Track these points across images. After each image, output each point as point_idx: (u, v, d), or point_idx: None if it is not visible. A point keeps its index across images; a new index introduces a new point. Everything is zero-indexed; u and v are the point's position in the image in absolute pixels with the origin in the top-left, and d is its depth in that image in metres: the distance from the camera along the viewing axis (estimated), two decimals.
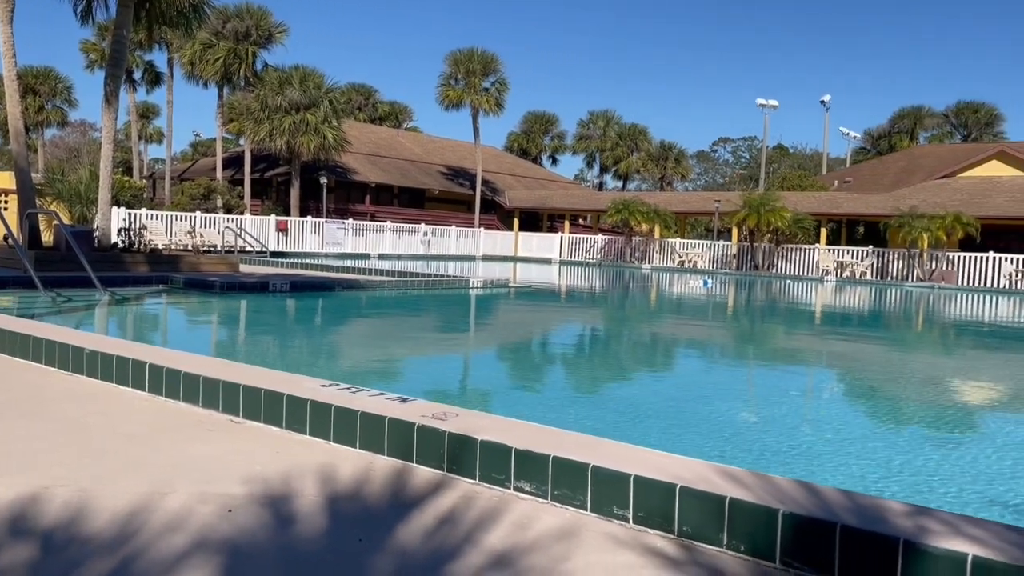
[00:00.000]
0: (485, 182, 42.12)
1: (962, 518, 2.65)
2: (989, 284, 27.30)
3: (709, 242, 34.84)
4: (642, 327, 13.60)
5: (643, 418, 5.71)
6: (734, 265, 32.75)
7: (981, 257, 27.83)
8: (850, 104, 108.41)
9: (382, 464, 3.44)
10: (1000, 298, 24.40)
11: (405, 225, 34.55)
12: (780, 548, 2.55)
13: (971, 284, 27.57)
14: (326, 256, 28.27)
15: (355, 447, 3.63)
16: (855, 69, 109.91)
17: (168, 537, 2.61)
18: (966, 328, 16.09)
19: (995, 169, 33.03)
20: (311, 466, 3.38)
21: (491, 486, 3.19)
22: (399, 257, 31.25)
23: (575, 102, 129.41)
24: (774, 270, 31.69)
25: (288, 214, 33.77)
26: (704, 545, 2.68)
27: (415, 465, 3.41)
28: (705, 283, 25.36)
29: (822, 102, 51.80)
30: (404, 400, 3.85)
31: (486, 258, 35.44)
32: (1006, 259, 27.44)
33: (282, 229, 29.74)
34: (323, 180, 33.93)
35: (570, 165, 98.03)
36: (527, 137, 59.78)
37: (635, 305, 18.16)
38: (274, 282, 13.75)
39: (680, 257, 33.93)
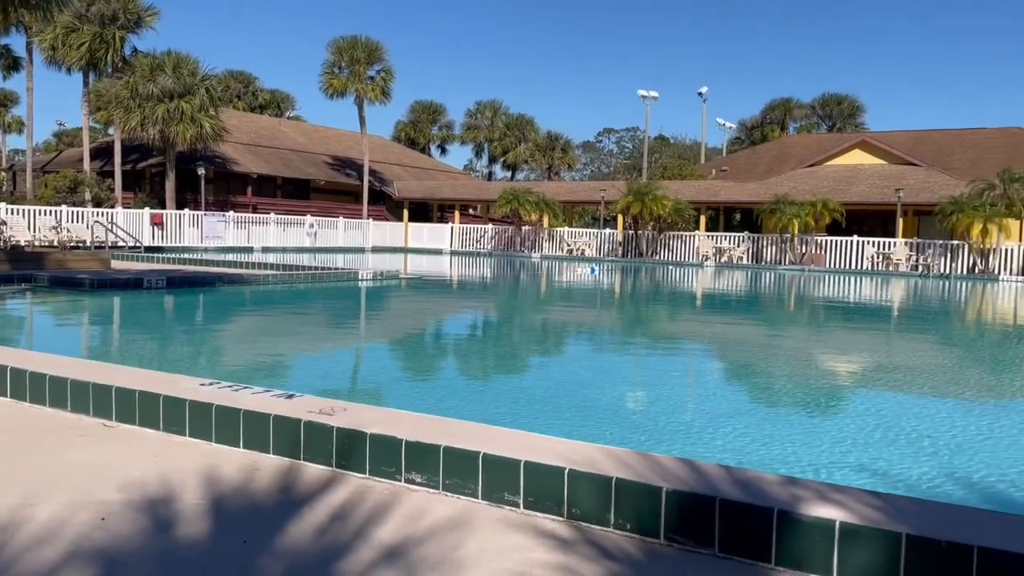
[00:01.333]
0: (373, 172, 41.50)
1: (831, 486, 2.82)
2: (854, 266, 29.11)
3: (596, 231, 35.59)
4: (532, 315, 13.77)
5: (534, 404, 5.79)
6: (620, 252, 33.59)
7: (846, 241, 29.63)
8: (726, 96, 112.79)
9: (269, 463, 3.35)
10: (864, 279, 26.07)
11: (290, 217, 33.63)
12: (665, 524, 2.64)
13: (838, 266, 29.32)
14: (206, 250, 27.19)
15: (239, 447, 3.51)
16: (730, 61, 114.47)
17: (38, 550, 2.45)
18: (834, 307, 17.11)
19: (858, 157, 35.17)
20: (192, 469, 3.25)
21: (382, 480, 3.15)
22: (284, 250, 30.40)
23: (463, 92, 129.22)
24: (657, 257, 32.71)
25: (164, 207, 32.23)
26: (593, 526, 2.74)
27: (304, 463, 3.34)
28: (592, 271, 25.91)
29: (700, 94, 53.77)
30: (290, 396, 3.76)
31: (375, 249, 34.98)
32: (868, 242, 29.32)
33: (157, 223, 28.39)
34: (201, 171, 32.55)
35: (459, 155, 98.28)
36: (415, 127, 59.25)
37: (525, 294, 18.36)
38: (149, 278, 13.11)
39: (569, 246, 34.51)
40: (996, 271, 26.73)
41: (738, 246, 31.65)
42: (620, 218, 34.24)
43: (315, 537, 2.64)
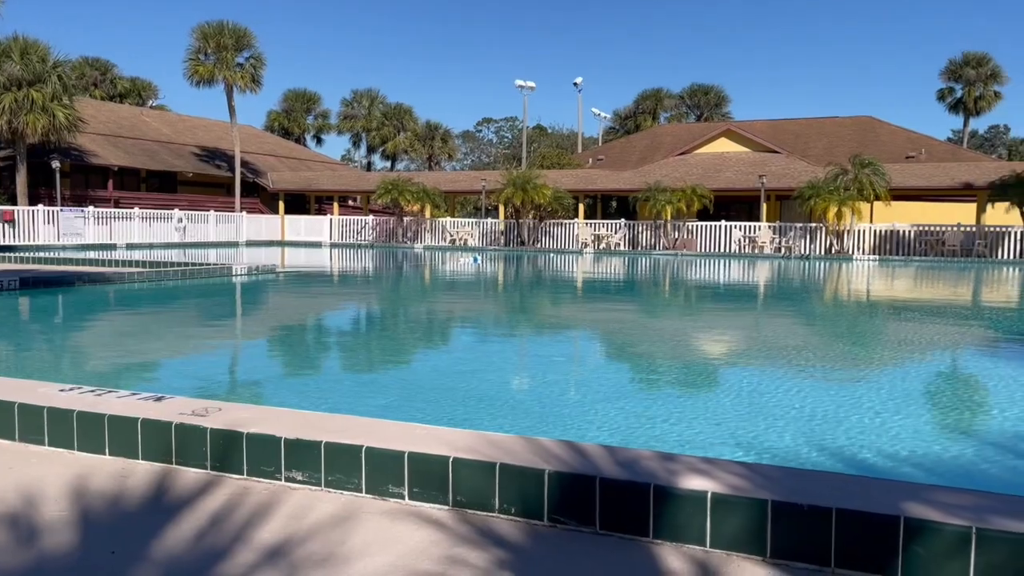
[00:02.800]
0: (245, 164, 40.02)
1: (703, 460, 2.96)
2: (723, 250, 30.50)
3: (478, 220, 35.72)
4: (416, 306, 13.69)
5: (420, 395, 5.76)
6: (502, 242, 33.86)
7: (715, 226, 31.01)
8: (601, 86, 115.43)
9: (140, 470, 3.19)
10: (732, 261, 27.36)
11: (156, 211, 31.99)
12: (548, 506, 2.69)
13: (708, 250, 30.65)
14: (64, 248, 25.51)
15: (105, 454, 3.33)
16: (604, 52, 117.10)
17: None
18: (705, 290, 17.87)
19: (724, 146, 36.80)
20: (53, 479, 3.06)
21: (262, 480, 3.07)
22: (151, 246, 28.91)
23: (339, 81, 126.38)
24: (539, 245, 33.17)
25: (15, 203, 29.96)
26: (478, 512, 2.77)
27: (178, 467, 3.20)
28: (475, 260, 26.00)
29: (575, 84, 54.70)
30: (160, 399, 3.59)
31: (250, 243, 33.80)
32: (735, 226, 30.79)
33: (8, 220, 26.38)
34: (55, 164, 30.44)
35: (336, 145, 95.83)
36: (288, 116, 57.51)
37: (408, 285, 18.22)
38: (0, 278, 12.18)
39: (451, 236, 34.48)
40: (850, 251, 28.65)
41: (615, 233, 32.53)
42: (502, 207, 34.49)
43: (192, 542, 2.54)
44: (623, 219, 33.34)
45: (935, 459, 4.13)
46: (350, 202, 46.24)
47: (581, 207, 35.06)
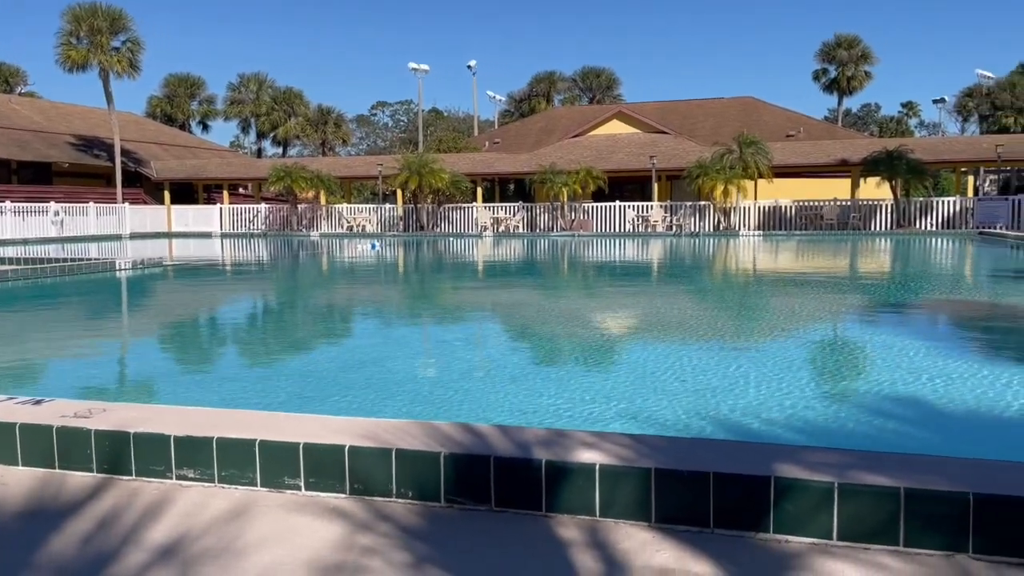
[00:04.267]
0: (126, 152, 38.12)
1: (593, 433, 3.08)
2: (618, 229, 31.22)
3: (376, 206, 35.28)
4: (313, 295, 13.46)
5: (318, 386, 5.71)
6: (401, 227, 33.58)
7: (610, 206, 31.69)
8: (495, 69, 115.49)
9: (18, 477, 3.07)
10: (627, 241, 28.06)
11: (29, 205, 30.11)
12: (444, 488, 2.76)
13: (604, 231, 31.31)
14: None
15: None
16: (497, 35, 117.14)
17: None
18: (602, 269, 18.30)
19: (616, 128, 37.55)
20: None
21: (152, 480, 3.01)
22: (25, 242, 27.23)
23: (223, 65, 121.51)
24: (438, 229, 33.08)
25: None
26: (376, 498, 2.81)
27: (62, 471, 3.09)
28: (373, 246, 25.72)
29: (469, 67, 54.60)
30: (38, 402, 3.44)
31: (135, 236, 32.30)
32: (629, 207, 31.56)
33: None
34: None
35: (224, 132, 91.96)
36: (171, 102, 55.07)
37: (305, 273, 17.88)
38: None
39: (348, 222, 33.94)
40: (737, 227, 29.84)
41: (514, 216, 32.79)
42: (399, 192, 34.18)
43: (79, 548, 2.47)
44: (521, 202, 33.62)
45: (807, 422, 4.42)
46: (241, 190, 44.76)
47: (479, 190, 35.13)
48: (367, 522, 2.63)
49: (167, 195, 37.73)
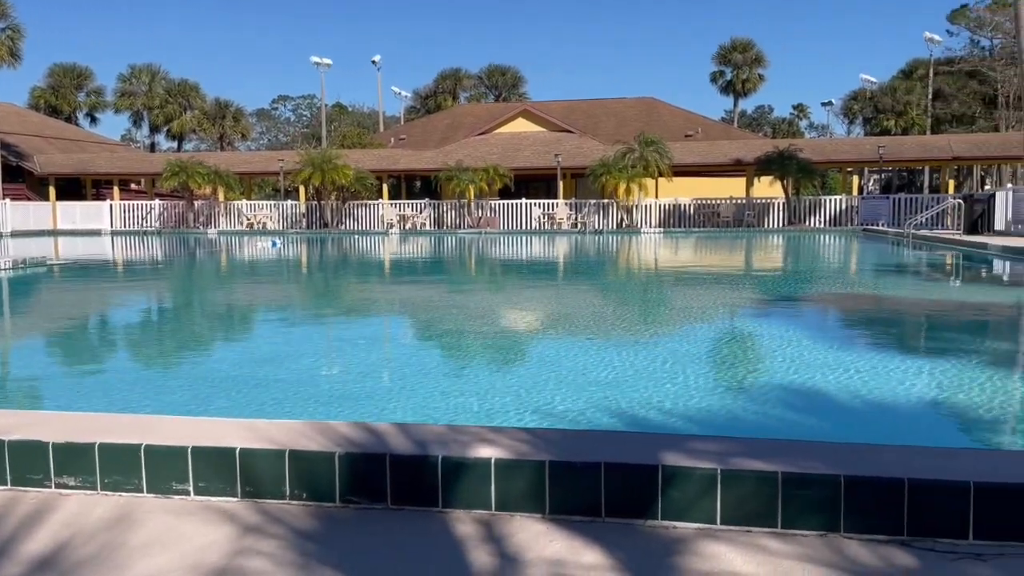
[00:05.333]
0: (7, 146, 35.90)
1: (490, 429, 3.12)
2: (524, 227, 31.48)
3: (277, 202, 34.42)
4: (210, 295, 13.03)
5: (213, 388, 5.55)
6: (304, 224, 32.89)
7: (516, 204, 31.92)
8: (401, 64, 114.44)
9: None
10: (533, 238, 28.33)
11: None
12: (340, 487, 2.73)
13: (511, 228, 31.51)
14: None
15: None
16: (402, 30, 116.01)
17: None
18: (509, 266, 18.43)
19: (522, 126, 37.84)
20: None
21: (30, 489, 2.86)
22: None
23: (112, 55, 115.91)
24: (343, 227, 32.56)
25: None
26: (269, 500, 2.75)
27: None
28: (274, 244, 25.11)
29: (373, 62, 53.93)
30: None
31: (16, 234, 30.46)
32: (535, 204, 31.88)
33: None
34: None
35: (114, 125, 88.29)
36: (56, 93, 52.17)
37: (201, 273, 17.29)
38: None
39: (248, 219, 33.00)
40: (639, 224, 30.57)
41: (420, 213, 32.60)
42: (302, 189, 33.44)
43: None
44: (428, 199, 33.46)
45: (697, 411, 4.59)
46: (133, 186, 42.86)
47: (385, 187, 34.76)
48: (258, 525, 2.58)
49: (52, 191, 35.73)
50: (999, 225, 21.12)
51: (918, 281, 14.08)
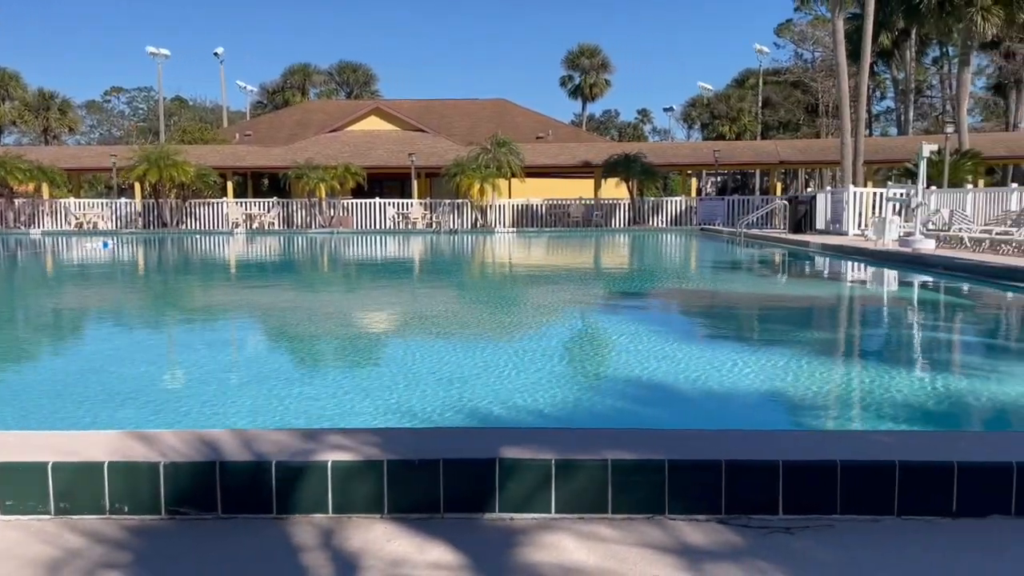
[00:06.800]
0: None
1: (327, 431, 3.06)
2: (378, 226, 31.11)
3: (110, 201, 32.25)
4: (34, 301, 12.01)
5: (22, 400, 5.12)
6: (140, 224, 31.00)
7: (370, 203, 31.48)
8: (246, 58, 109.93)
9: None
10: (388, 237, 28.03)
11: None
12: (165, 499, 2.60)
13: (364, 227, 31.04)
14: None
15: None
16: (247, 23, 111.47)
17: None
18: (363, 266, 18.14)
19: (374, 124, 37.36)
20: None
21: None
22: None
23: None
24: (184, 226, 30.95)
25: None
26: (87, 516, 2.58)
27: None
28: (105, 245, 23.53)
29: (216, 54, 51.59)
30: None
31: None
32: (389, 204, 31.57)
33: None
34: None
35: None
36: None
37: (23, 276, 15.92)
38: None
39: (77, 219, 30.72)
40: (493, 224, 30.93)
41: (268, 211, 31.52)
42: (138, 186, 31.48)
43: None
44: (276, 197, 32.38)
45: (540, 404, 4.70)
46: None
47: (230, 185, 33.36)
48: (73, 545, 2.40)
49: None
50: (820, 224, 22.96)
51: (748, 276, 15.06)
